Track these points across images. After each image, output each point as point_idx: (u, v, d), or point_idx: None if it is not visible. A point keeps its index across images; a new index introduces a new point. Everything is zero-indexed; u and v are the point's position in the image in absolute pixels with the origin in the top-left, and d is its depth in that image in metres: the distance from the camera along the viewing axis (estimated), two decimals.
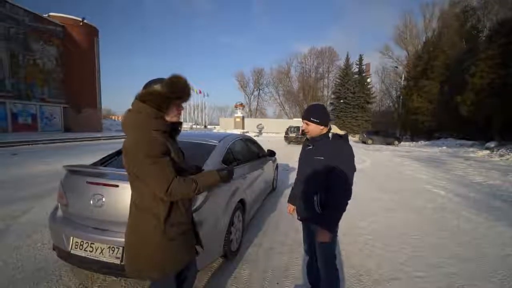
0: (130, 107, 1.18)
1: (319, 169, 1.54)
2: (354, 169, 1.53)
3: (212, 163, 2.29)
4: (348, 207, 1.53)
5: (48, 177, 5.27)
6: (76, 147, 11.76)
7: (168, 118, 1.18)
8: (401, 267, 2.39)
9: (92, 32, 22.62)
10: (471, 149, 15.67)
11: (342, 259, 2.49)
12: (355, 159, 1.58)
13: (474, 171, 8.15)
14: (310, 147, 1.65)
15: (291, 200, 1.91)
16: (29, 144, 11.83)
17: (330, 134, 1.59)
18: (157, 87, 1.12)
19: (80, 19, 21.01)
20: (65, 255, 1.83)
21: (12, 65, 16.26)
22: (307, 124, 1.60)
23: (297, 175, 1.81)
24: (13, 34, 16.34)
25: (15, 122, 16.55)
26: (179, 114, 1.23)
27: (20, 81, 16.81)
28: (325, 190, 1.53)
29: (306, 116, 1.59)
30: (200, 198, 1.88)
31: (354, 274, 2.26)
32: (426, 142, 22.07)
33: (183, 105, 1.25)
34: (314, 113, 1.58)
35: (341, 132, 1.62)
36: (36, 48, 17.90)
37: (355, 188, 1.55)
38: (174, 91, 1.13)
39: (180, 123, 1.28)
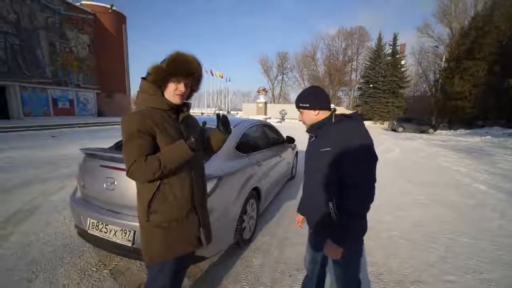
0: None
1: (328, 165, 1.17)
2: (374, 158, 1.13)
3: (224, 150, 2.19)
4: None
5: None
6: (108, 130, 12.54)
7: (167, 96, 1.14)
8: (429, 268, 2.16)
9: (120, 19, 23.29)
10: None
11: (362, 254, 2.32)
12: (383, 148, 1.33)
13: None
14: (313, 138, 1.32)
15: (300, 208, 1.54)
16: (67, 127, 12.88)
17: (333, 116, 1.24)
18: (161, 63, 1.13)
19: (109, 6, 21.68)
20: (84, 234, 1.92)
21: (50, 54, 17.48)
22: (300, 112, 1.32)
23: (304, 176, 1.42)
24: (51, 24, 17.39)
25: (55, 107, 18.05)
26: (179, 95, 1.13)
27: (58, 68, 18.07)
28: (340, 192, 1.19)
29: (296, 104, 1.31)
30: (209, 186, 1.81)
31: (374, 272, 2.10)
32: (467, 131, 19.94)
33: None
34: (302, 98, 1.28)
35: (349, 112, 1.27)
36: (71, 36, 18.94)
37: (381, 178, 1.31)
38: (170, 66, 1.10)
39: (184, 104, 1.21)
